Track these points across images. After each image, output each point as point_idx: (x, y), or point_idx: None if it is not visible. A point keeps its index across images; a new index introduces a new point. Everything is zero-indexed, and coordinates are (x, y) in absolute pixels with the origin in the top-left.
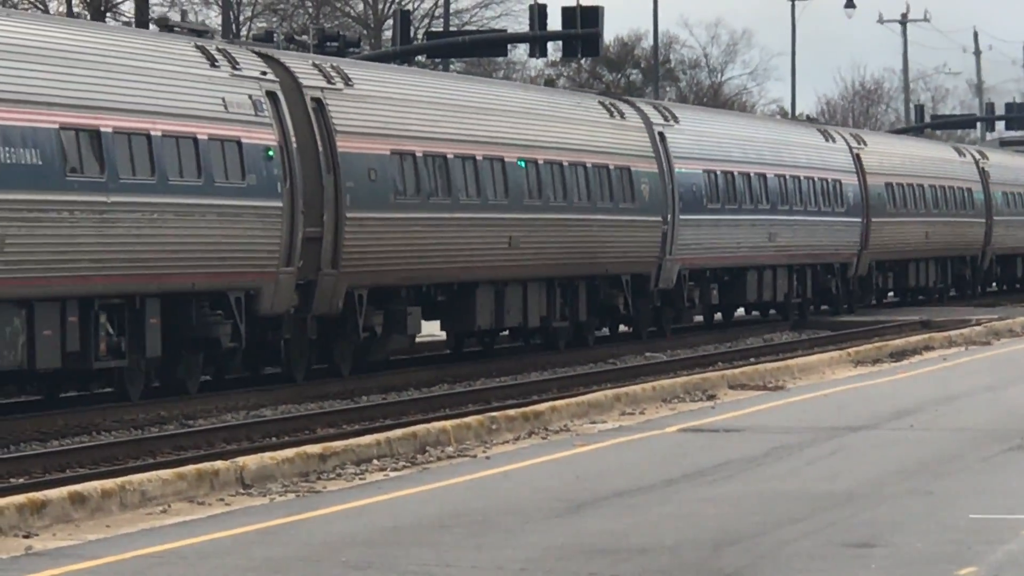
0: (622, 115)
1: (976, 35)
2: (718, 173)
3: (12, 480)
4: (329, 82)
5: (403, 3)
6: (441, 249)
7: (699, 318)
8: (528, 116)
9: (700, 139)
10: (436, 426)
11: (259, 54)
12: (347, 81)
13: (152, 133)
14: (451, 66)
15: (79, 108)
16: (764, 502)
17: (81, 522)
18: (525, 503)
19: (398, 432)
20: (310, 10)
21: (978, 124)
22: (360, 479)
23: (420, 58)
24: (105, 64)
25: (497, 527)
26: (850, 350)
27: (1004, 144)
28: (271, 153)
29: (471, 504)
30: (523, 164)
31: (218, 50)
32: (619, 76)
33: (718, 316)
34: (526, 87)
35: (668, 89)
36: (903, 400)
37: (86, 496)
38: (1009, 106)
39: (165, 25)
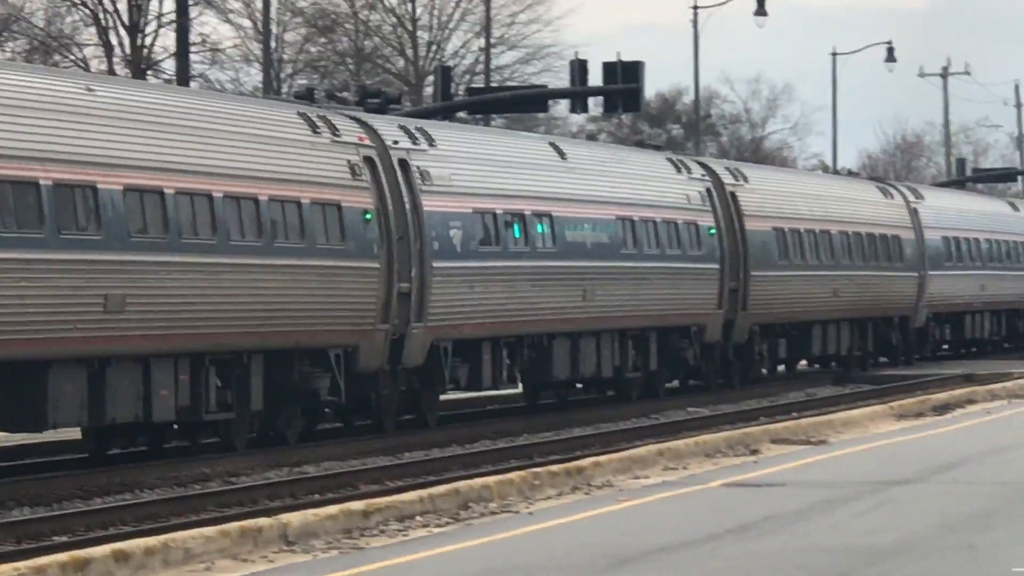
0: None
1: (1017, 88)
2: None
3: (55, 538)
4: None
5: (444, 59)
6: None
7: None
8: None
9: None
10: (479, 482)
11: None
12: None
13: None
14: (492, 122)
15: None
16: (808, 557)
17: None
18: (569, 559)
19: (441, 488)
20: (351, 67)
21: (1020, 177)
22: (403, 535)
23: (461, 114)
24: None
25: None
26: (893, 404)
27: None
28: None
29: (515, 560)
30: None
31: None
32: (660, 131)
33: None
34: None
35: (709, 144)
36: (947, 454)
37: (129, 554)
38: None
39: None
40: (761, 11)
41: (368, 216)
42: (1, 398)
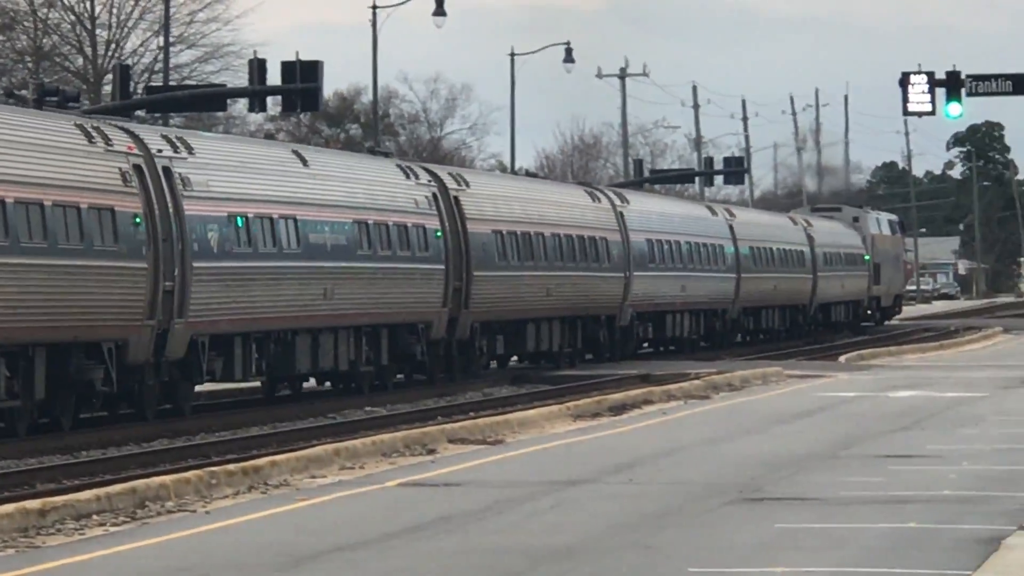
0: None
1: (695, 89)
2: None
3: None
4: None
5: (123, 58)
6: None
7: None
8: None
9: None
10: (155, 481)
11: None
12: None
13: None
14: (171, 120)
15: None
16: (485, 557)
17: None
18: (246, 558)
19: (117, 487)
20: (30, 65)
21: (697, 179)
22: (80, 534)
23: (140, 112)
24: None
25: None
26: (569, 404)
27: (815, 210)
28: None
29: (191, 559)
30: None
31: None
32: (339, 131)
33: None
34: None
35: (388, 144)
36: (623, 454)
37: None
38: (728, 160)
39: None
40: (440, 11)
41: (137, 220)
42: None
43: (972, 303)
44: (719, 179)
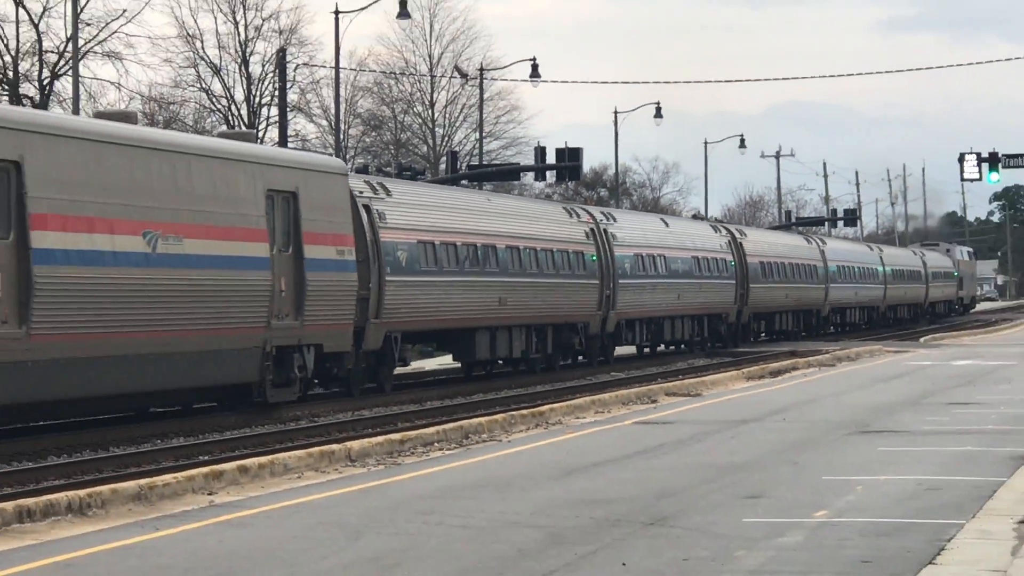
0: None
1: (824, 165)
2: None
3: (200, 456)
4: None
5: (452, 146)
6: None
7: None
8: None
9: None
10: (475, 421)
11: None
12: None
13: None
14: (483, 186)
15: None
16: (688, 469)
17: (245, 484)
18: (533, 471)
19: (450, 425)
20: (392, 150)
21: (826, 223)
22: (426, 455)
23: (464, 182)
24: None
25: (515, 487)
26: (744, 370)
27: (923, 245)
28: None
29: (498, 472)
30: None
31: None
32: (593, 193)
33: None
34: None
35: (624, 202)
36: (778, 403)
37: (248, 468)
38: (846, 211)
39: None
40: (658, 115)
41: (593, 258)
42: (454, 347)
43: (1007, 303)
44: (840, 223)
